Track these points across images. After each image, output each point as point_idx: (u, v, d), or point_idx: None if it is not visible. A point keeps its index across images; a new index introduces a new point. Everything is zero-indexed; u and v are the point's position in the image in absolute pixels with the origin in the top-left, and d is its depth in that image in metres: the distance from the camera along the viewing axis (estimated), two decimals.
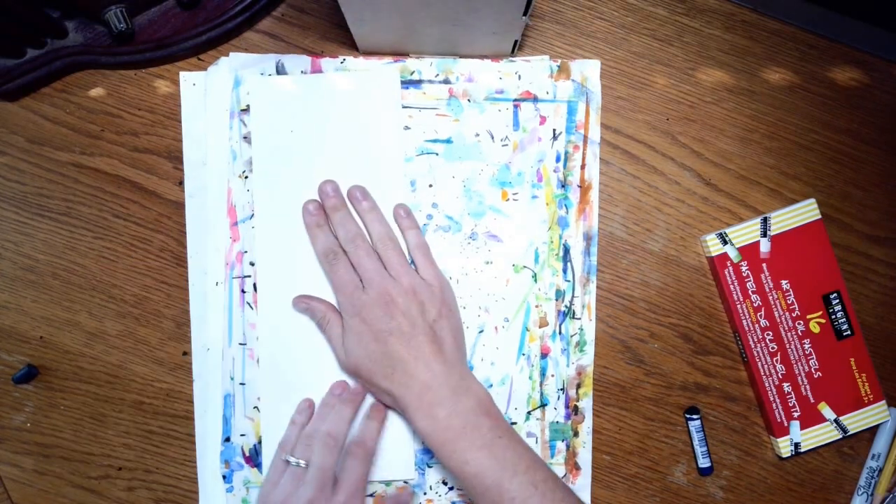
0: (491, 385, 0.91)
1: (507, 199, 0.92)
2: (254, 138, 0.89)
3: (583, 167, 0.92)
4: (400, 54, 0.92)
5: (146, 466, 0.91)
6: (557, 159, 0.92)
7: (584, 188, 0.92)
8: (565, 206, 0.92)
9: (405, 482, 0.90)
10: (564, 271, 0.92)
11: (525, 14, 0.78)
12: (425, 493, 0.91)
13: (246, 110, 0.90)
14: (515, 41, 0.88)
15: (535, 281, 0.92)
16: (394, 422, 0.89)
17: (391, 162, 0.91)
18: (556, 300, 0.92)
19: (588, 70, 0.92)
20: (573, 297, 0.92)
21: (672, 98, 0.93)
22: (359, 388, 0.88)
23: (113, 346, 0.91)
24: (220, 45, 0.91)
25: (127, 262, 0.91)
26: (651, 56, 0.93)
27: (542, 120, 0.92)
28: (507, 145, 0.92)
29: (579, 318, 0.92)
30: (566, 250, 0.92)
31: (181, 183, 0.91)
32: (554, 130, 0.92)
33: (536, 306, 0.92)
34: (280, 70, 0.90)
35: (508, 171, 0.92)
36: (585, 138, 0.92)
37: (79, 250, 0.91)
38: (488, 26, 0.82)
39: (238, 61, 0.90)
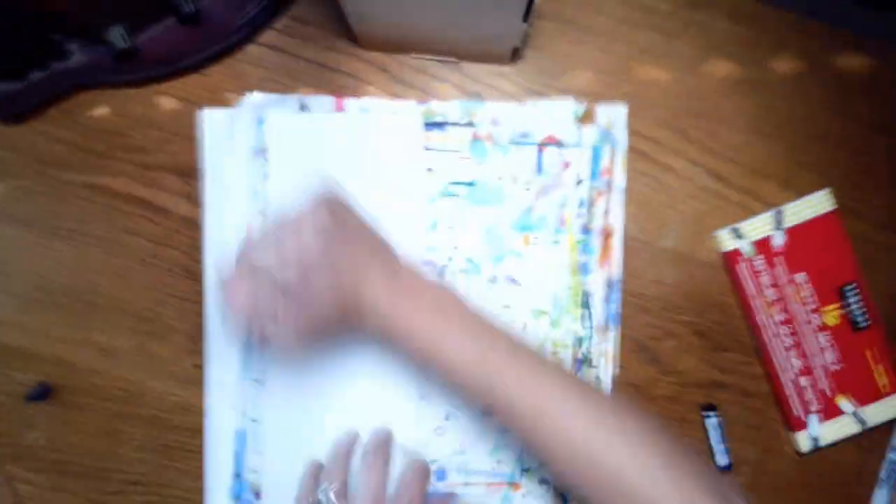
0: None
1: (529, 244, 0.91)
2: (272, 177, 0.90)
3: (606, 213, 0.91)
4: (401, 52, 0.92)
5: (162, 481, 0.92)
6: (580, 205, 0.91)
7: (606, 235, 0.91)
8: (587, 252, 0.91)
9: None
10: (583, 318, 0.91)
11: (525, 20, 0.78)
12: None
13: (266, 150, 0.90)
14: (516, 48, 0.88)
15: (554, 327, 0.91)
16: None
17: (413, 204, 0.91)
18: (574, 347, 0.91)
19: (614, 115, 0.92)
20: (591, 345, 0.91)
21: (679, 93, 0.93)
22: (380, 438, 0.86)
23: (126, 361, 0.92)
24: (222, 60, 0.92)
25: (139, 278, 0.92)
26: (657, 51, 0.93)
27: (566, 165, 0.91)
28: (529, 189, 0.91)
29: (596, 367, 0.91)
30: (587, 297, 0.91)
31: (189, 196, 0.91)
32: (578, 176, 0.91)
33: (553, 353, 0.91)
34: (304, 109, 0.90)
35: (530, 215, 0.91)
36: (610, 184, 0.91)
37: (91, 268, 0.92)
38: (488, 30, 0.82)
39: (261, 100, 0.90)
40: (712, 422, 0.91)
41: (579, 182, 0.91)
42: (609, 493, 0.69)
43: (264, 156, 0.90)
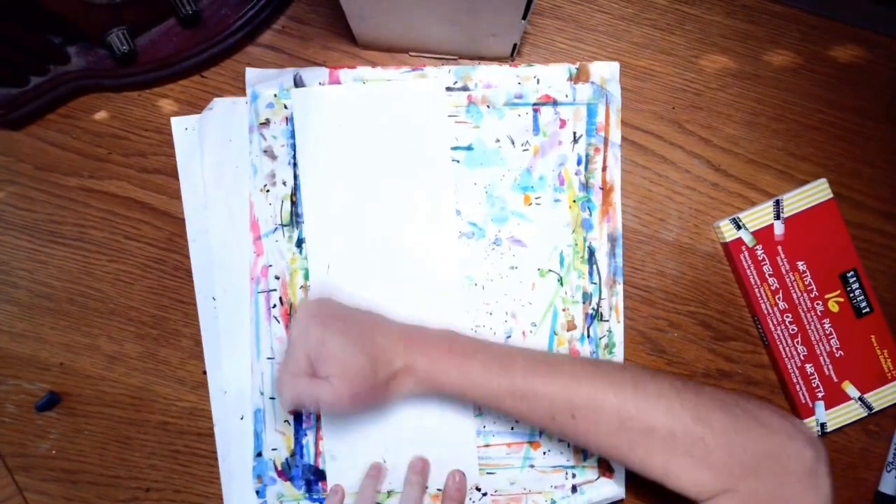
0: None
1: (530, 204, 0.92)
2: (299, 153, 0.91)
3: (604, 169, 0.92)
4: (400, 52, 0.93)
5: (174, 486, 0.91)
6: (579, 162, 0.92)
7: (606, 190, 0.92)
8: (588, 208, 0.92)
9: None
10: (590, 274, 0.92)
11: (524, 18, 0.78)
12: None
13: (265, 124, 0.90)
14: (514, 45, 0.88)
15: (562, 284, 0.92)
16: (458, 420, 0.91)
17: (439, 169, 0.92)
18: (584, 303, 0.92)
19: (607, 72, 0.92)
20: (600, 299, 0.92)
21: (677, 86, 0.93)
22: (418, 465, 0.89)
23: (134, 367, 0.91)
24: (222, 62, 0.91)
25: (143, 283, 0.91)
26: (653, 46, 0.94)
27: (563, 123, 0.92)
28: (527, 150, 0.92)
29: (607, 321, 0.92)
30: (591, 253, 0.92)
31: None
32: (574, 133, 0.92)
33: (563, 310, 0.92)
34: (298, 83, 0.90)
35: (530, 175, 0.92)
36: (606, 140, 0.92)
37: (94, 274, 0.91)
38: (487, 28, 0.82)
39: (255, 76, 0.91)
40: None
41: (576, 140, 0.92)
42: (646, 449, 0.73)
43: (260, 131, 0.90)
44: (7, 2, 0.75)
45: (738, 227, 0.90)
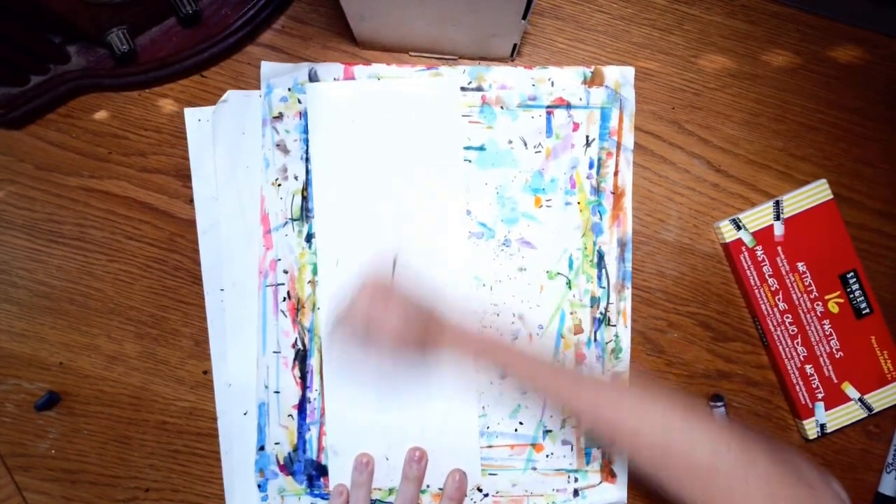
0: (525, 391, 0.91)
1: (541, 206, 0.92)
2: (312, 148, 0.91)
3: (616, 174, 0.92)
4: (400, 51, 0.92)
5: (173, 486, 0.91)
6: (591, 166, 0.92)
7: (617, 195, 0.92)
8: (599, 212, 0.91)
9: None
10: (599, 278, 0.92)
11: (524, 18, 0.78)
12: None
13: (279, 118, 0.90)
14: (515, 45, 0.88)
15: (570, 287, 0.92)
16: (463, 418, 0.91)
17: (450, 169, 0.92)
18: (591, 307, 0.92)
19: (621, 76, 0.92)
20: (608, 303, 0.92)
21: (676, 87, 0.93)
22: (416, 454, 0.90)
23: (133, 367, 0.91)
24: (222, 62, 0.91)
25: (142, 283, 0.91)
26: (653, 46, 0.93)
27: (576, 126, 0.92)
28: (540, 152, 0.92)
29: (615, 325, 0.92)
30: (600, 257, 0.92)
31: (192, 201, 0.90)
32: (587, 137, 0.92)
33: (571, 313, 0.92)
34: (313, 77, 0.90)
35: (541, 177, 0.92)
36: (619, 145, 0.92)
37: (94, 274, 0.91)
38: (487, 28, 0.82)
39: (270, 70, 0.91)
40: (720, 411, 0.92)
41: (589, 143, 0.92)
42: (685, 483, 0.72)
43: (273, 125, 0.91)
44: (7, 1, 0.75)
45: (738, 228, 0.90)
